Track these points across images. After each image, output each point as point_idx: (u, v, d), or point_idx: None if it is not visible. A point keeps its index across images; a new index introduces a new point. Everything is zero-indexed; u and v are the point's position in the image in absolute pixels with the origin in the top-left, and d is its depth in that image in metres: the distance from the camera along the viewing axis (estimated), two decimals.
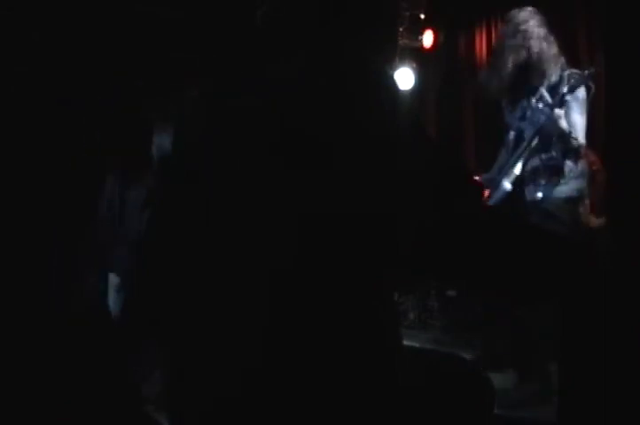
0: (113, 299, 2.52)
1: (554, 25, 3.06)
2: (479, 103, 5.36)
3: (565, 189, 2.90)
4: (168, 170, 1.28)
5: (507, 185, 2.98)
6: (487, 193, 3.02)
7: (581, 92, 2.89)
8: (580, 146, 2.86)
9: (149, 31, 3.62)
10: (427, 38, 4.98)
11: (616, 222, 1.31)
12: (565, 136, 2.83)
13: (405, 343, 1.21)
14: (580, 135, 2.87)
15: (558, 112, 2.84)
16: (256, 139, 1.12)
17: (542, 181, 2.91)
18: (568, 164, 2.89)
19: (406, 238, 1.08)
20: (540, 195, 2.90)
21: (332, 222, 1.06)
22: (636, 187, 1.28)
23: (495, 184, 2.99)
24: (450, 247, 1.09)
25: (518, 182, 2.96)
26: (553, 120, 2.83)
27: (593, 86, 2.87)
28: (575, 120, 2.86)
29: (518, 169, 2.96)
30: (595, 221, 3.01)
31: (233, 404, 1.10)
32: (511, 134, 3.08)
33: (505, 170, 2.99)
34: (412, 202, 1.07)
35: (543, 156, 2.92)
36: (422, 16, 4.78)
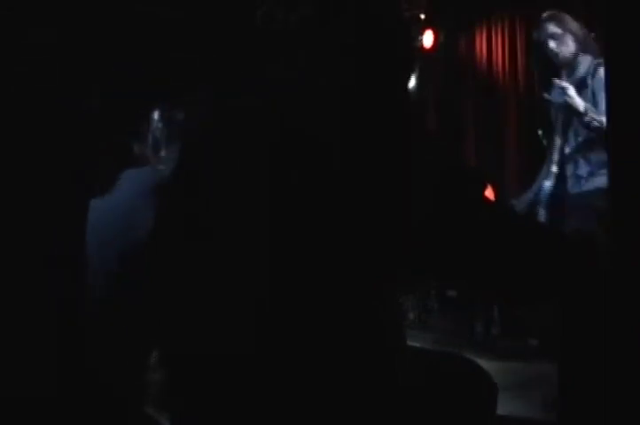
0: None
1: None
2: (479, 103, 5.36)
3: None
4: (170, 170, 1.29)
5: (547, 183, 2.98)
6: (491, 192, 3.01)
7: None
8: None
9: (149, 31, 3.62)
10: (427, 38, 4.98)
11: (616, 222, 1.31)
12: (600, 126, 2.83)
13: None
14: None
15: (571, 90, 2.88)
16: (256, 139, 1.12)
17: (585, 173, 2.90)
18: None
19: (406, 238, 1.08)
20: (585, 187, 2.89)
21: (333, 222, 1.06)
22: (637, 187, 1.27)
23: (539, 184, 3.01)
24: (450, 247, 1.09)
25: (558, 179, 2.96)
26: (564, 98, 2.88)
27: None
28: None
29: (554, 167, 2.97)
30: None
31: (233, 405, 1.10)
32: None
33: (546, 168, 3.01)
34: (412, 201, 1.07)
35: (583, 148, 2.93)
36: (422, 16, 4.79)
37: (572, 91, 2.95)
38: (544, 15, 3.22)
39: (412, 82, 4.92)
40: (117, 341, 2.36)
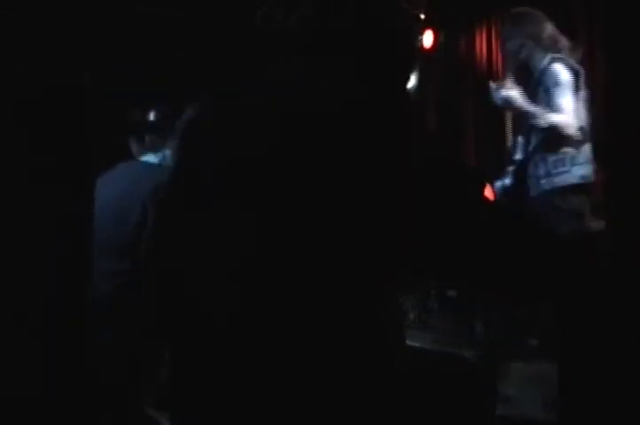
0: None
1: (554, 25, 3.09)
2: (479, 103, 5.36)
3: (567, 176, 2.85)
4: (170, 170, 1.29)
5: (498, 182, 3.03)
6: (491, 192, 3.03)
7: (563, 76, 2.88)
8: (560, 129, 2.83)
9: (149, 31, 3.63)
10: (427, 38, 4.98)
11: (616, 222, 1.31)
12: (555, 127, 2.83)
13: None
14: (568, 117, 2.83)
15: (509, 91, 2.90)
16: (256, 139, 1.13)
17: (543, 173, 2.90)
18: (569, 151, 2.86)
19: (406, 238, 1.08)
20: (543, 187, 2.89)
21: (333, 222, 1.06)
22: (637, 187, 1.28)
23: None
24: (450, 247, 1.09)
25: (518, 178, 2.98)
26: (507, 101, 2.89)
27: (582, 69, 2.88)
28: (561, 105, 2.84)
29: (512, 166, 3.02)
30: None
31: (233, 407, 1.10)
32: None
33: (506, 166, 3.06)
34: (412, 201, 1.07)
35: (541, 146, 2.93)
36: (422, 16, 4.79)
37: (511, 91, 2.93)
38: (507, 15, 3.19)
39: (412, 82, 4.92)
40: (117, 340, 2.36)
